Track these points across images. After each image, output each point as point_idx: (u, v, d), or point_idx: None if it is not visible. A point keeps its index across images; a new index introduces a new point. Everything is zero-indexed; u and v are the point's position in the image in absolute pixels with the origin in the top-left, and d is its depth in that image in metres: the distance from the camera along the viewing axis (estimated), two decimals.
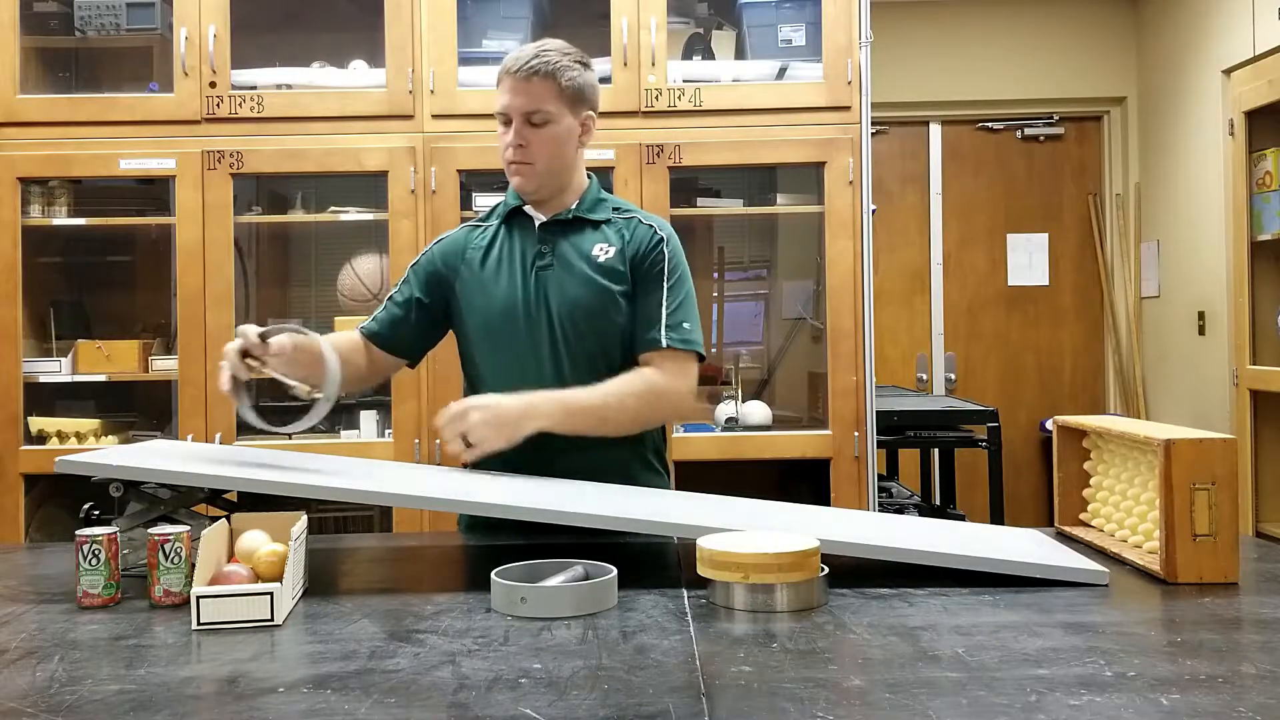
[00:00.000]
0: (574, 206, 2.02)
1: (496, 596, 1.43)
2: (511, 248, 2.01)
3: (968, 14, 5.14)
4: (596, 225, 2.02)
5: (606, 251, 1.99)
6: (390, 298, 2.10)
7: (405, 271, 2.10)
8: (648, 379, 1.96)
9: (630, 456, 2.03)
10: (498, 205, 2.10)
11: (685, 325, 1.99)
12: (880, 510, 3.31)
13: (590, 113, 2.01)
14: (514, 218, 2.04)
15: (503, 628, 1.34)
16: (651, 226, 2.04)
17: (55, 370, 3.26)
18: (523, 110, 1.93)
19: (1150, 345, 5.06)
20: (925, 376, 5.26)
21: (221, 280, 3.18)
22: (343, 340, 2.07)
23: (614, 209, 2.06)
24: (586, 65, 2.00)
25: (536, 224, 2.02)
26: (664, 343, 1.96)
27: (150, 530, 1.48)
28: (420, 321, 2.08)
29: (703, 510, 1.77)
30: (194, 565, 1.43)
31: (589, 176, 2.08)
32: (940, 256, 5.30)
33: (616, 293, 1.98)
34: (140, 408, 3.52)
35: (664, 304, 1.99)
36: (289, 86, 3.27)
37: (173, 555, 1.46)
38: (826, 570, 1.46)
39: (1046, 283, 5.28)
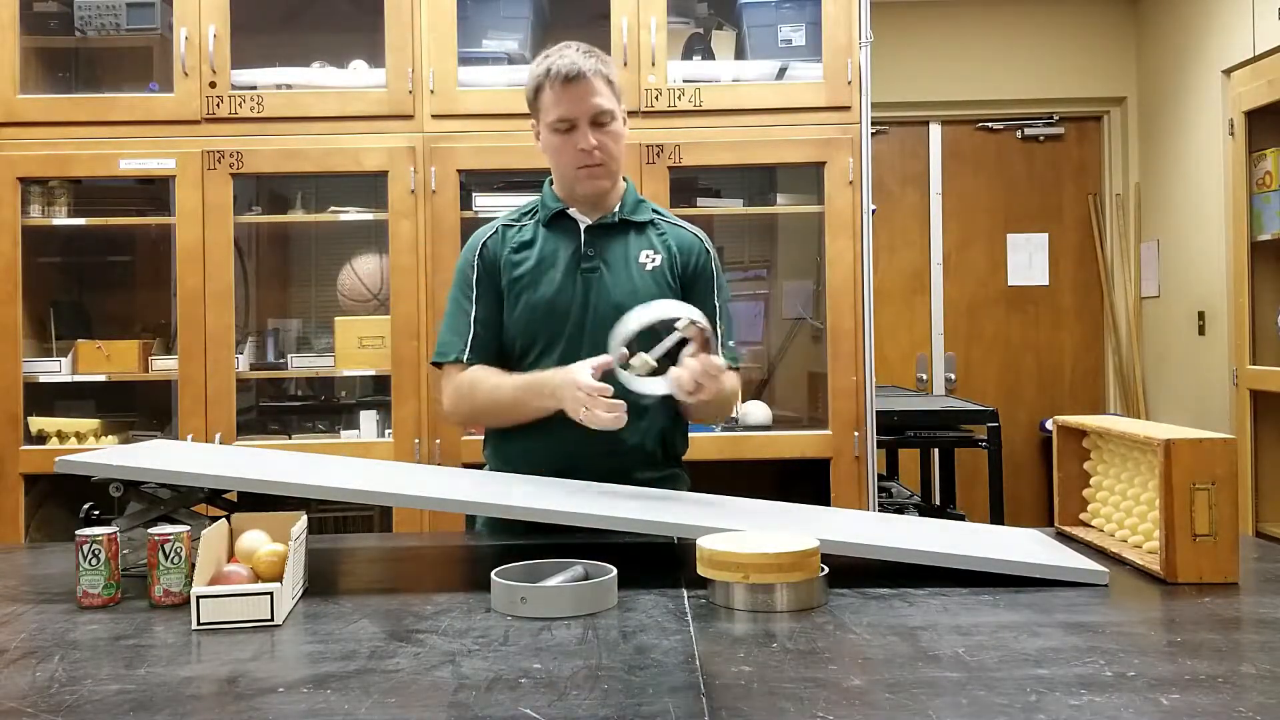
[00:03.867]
0: (617, 209, 2.04)
1: (496, 596, 1.43)
2: (555, 249, 2.01)
3: (968, 14, 5.14)
4: (639, 228, 2.04)
5: (653, 259, 2.02)
6: (474, 320, 2.02)
7: (463, 289, 2.05)
8: (731, 383, 2.00)
9: (649, 463, 2.04)
10: (531, 206, 2.09)
11: (733, 343, 2.07)
12: (880, 510, 3.31)
13: (625, 108, 2.04)
14: (555, 220, 2.04)
15: (503, 628, 1.34)
16: (698, 237, 2.09)
17: (55, 370, 3.26)
18: (591, 114, 1.94)
19: (1150, 345, 5.05)
20: (925, 376, 5.26)
21: (221, 280, 3.18)
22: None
23: (653, 210, 2.10)
24: None
25: (582, 227, 2.02)
26: (723, 363, 2.00)
27: (150, 530, 1.48)
28: (502, 320, 2.05)
29: (703, 510, 1.77)
30: (194, 565, 1.43)
31: (624, 176, 2.10)
32: (940, 256, 5.30)
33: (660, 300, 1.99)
34: (140, 408, 3.52)
35: (718, 321, 2.04)
36: (289, 86, 3.27)
37: (173, 555, 1.46)
38: (826, 570, 1.46)
39: (1046, 283, 5.28)
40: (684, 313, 1.81)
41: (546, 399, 1.89)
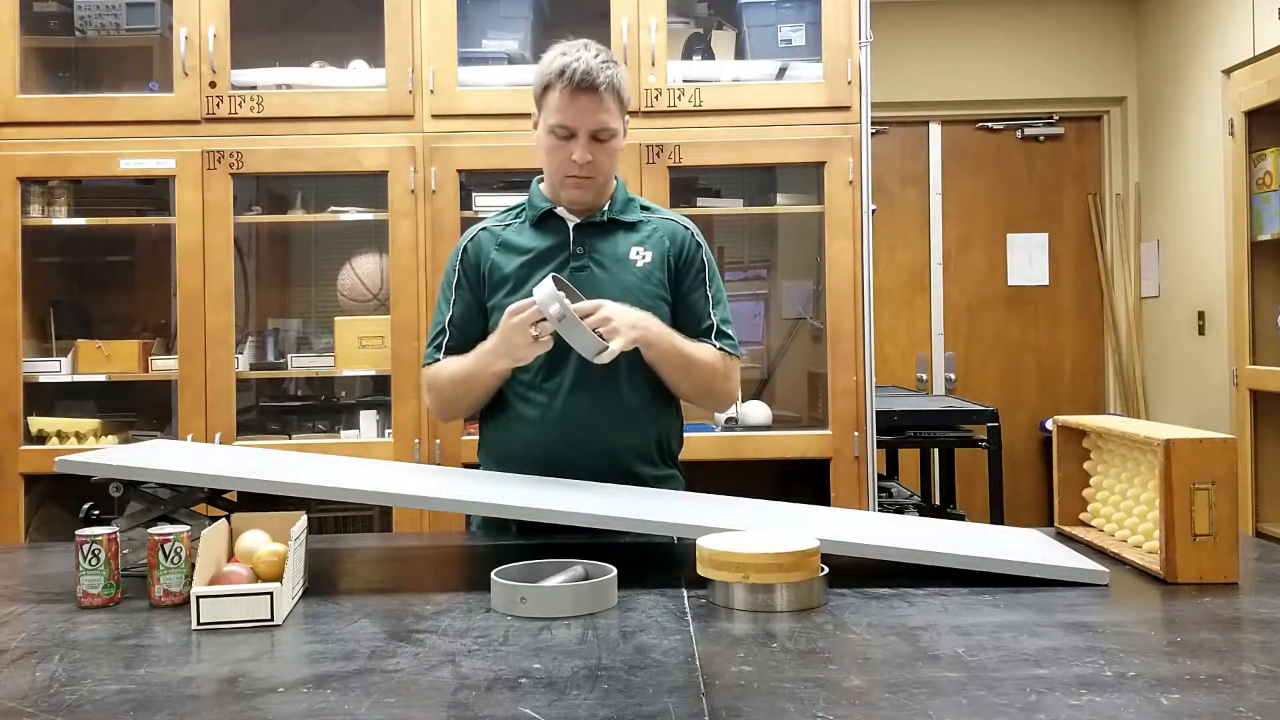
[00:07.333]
0: (606, 208, 2.02)
1: (496, 596, 1.43)
2: (544, 248, 2.00)
3: (968, 14, 5.14)
4: (628, 227, 2.03)
5: (644, 256, 2.00)
6: (448, 322, 2.03)
7: (443, 293, 2.06)
8: (726, 363, 2.02)
9: (644, 462, 2.02)
10: (518, 206, 2.09)
11: (730, 331, 2.05)
12: (880, 510, 3.31)
13: (627, 115, 2.02)
14: (543, 220, 2.03)
15: (503, 628, 1.34)
16: (687, 228, 2.08)
17: (55, 370, 3.26)
18: (593, 129, 1.91)
19: (1150, 345, 5.05)
20: (925, 376, 5.26)
21: (221, 280, 3.18)
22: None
23: (641, 208, 2.08)
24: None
25: (570, 225, 2.01)
26: (716, 346, 2.01)
27: (150, 530, 1.48)
28: (484, 326, 2.04)
29: (703, 510, 1.77)
30: (194, 565, 1.43)
31: (614, 176, 2.09)
32: (940, 256, 5.30)
33: (653, 297, 1.98)
34: (140, 408, 3.52)
35: (710, 307, 2.03)
36: (289, 86, 3.27)
37: (173, 555, 1.46)
38: (826, 570, 1.46)
39: (1046, 283, 5.28)
40: (542, 295, 1.77)
41: (492, 355, 1.90)
